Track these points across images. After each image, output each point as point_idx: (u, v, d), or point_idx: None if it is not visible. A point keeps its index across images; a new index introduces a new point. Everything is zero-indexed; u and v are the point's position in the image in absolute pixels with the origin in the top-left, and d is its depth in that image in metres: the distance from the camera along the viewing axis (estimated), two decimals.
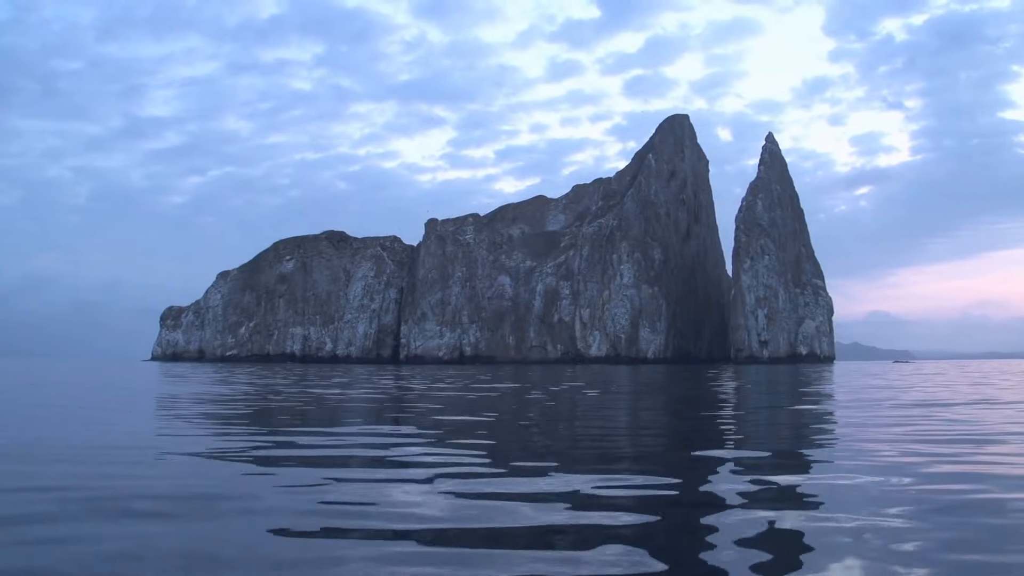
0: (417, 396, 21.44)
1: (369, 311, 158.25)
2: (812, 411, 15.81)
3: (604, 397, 21.31)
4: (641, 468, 7.50)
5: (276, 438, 10.06)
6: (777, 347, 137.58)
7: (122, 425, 12.41)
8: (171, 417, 13.81)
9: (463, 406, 16.91)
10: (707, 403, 19.19)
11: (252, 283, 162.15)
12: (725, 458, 8.35)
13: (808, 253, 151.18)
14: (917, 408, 15.70)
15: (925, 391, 23.25)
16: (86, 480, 6.42)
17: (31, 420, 13.39)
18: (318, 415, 14.65)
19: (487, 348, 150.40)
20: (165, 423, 12.73)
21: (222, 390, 24.31)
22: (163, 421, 13.26)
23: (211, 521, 5.00)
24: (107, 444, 9.42)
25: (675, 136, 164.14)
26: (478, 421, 13.12)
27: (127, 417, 14.28)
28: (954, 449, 8.73)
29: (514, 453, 8.80)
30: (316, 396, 20.81)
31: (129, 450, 8.74)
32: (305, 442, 9.45)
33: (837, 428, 12.04)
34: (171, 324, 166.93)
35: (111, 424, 12.57)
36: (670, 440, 11.01)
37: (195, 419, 13.23)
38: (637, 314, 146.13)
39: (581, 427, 12.87)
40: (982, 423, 12.22)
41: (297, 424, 12.56)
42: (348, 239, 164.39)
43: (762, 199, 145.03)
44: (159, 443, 9.55)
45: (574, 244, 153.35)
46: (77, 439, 9.96)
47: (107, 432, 11.16)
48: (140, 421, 13.51)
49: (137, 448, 8.89)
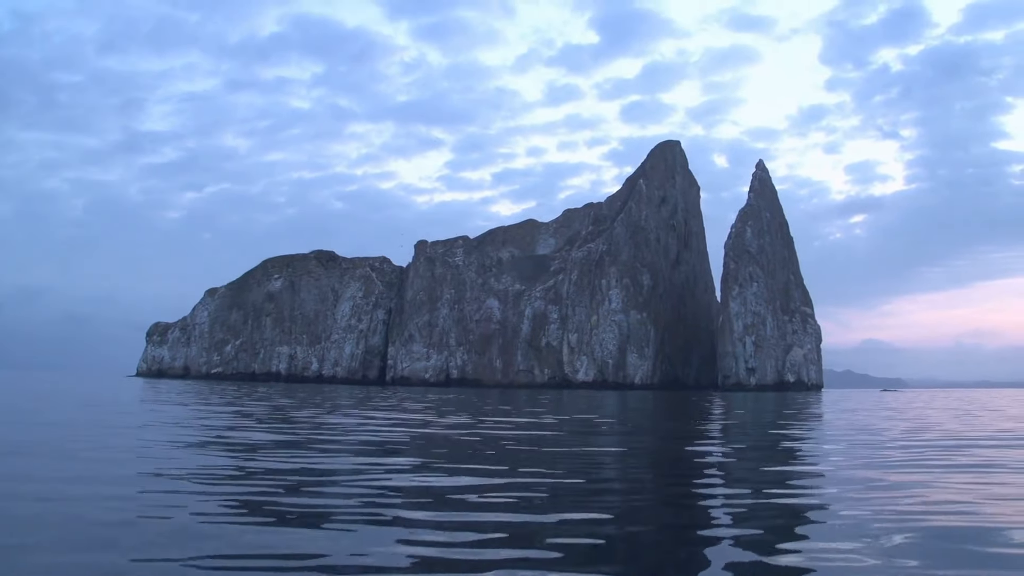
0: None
1: (356, 332, 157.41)
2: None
3: (554, 438, 16.81)
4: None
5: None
6: (764, 374, 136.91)
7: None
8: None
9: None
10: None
11: (239, 301, 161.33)
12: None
13: (797, 280, 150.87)
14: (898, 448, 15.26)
15: (907, 421, 22.79)
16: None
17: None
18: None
19: (474, 371, 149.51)
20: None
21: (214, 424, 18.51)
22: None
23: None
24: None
25: (666, 162, 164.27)
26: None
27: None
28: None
29: None
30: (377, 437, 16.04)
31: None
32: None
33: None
34: (157, 340, 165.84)
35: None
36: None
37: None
38: (625, 339, 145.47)
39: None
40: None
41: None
42: (337, 259, 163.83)
43: (751, 226, 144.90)
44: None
45: (563, 268, 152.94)
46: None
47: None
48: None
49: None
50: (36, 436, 14.51)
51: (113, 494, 7.66)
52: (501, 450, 13.74)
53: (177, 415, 21.78)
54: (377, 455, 12.24)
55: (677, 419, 25.66)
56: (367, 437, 15.82)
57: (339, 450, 12.92)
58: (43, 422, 18.51)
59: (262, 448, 13.10)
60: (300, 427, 18.10)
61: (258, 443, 14.08)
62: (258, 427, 17.95)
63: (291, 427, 18.14)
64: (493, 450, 13.67)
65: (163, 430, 16.48)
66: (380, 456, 12.10)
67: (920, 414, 27.78)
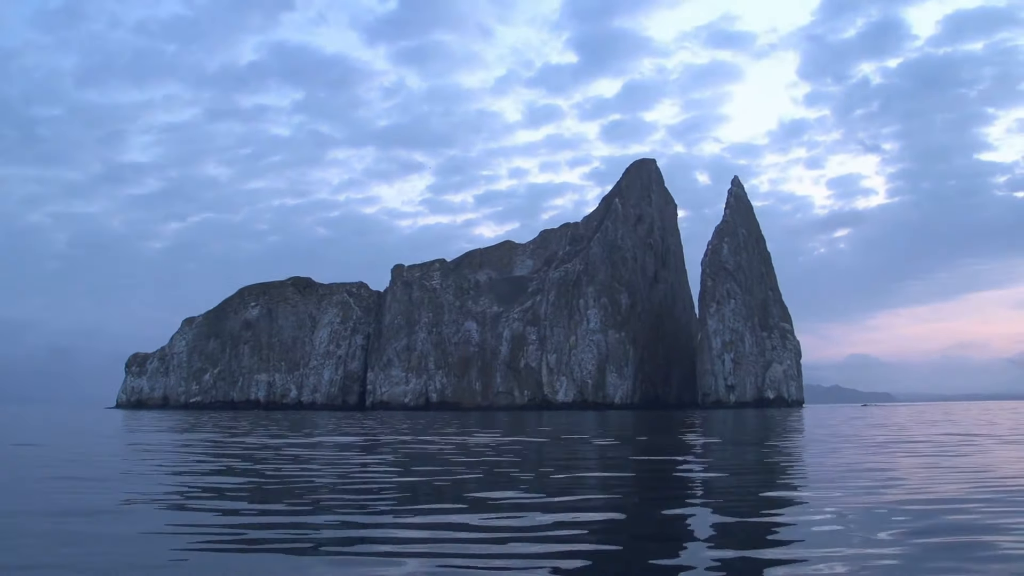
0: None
1: (335, 357, 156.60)
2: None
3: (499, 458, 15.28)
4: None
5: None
6: (744, 392, 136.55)
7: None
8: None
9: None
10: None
11: (217, 329, 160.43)
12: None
13: (775, 296, 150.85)
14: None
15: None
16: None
17: None
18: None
19: (453, 394, 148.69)
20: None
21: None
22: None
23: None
24: None
25: (642, 180, 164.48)
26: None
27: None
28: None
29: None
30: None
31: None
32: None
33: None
34: (136, 371, 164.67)
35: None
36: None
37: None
38: (604, 359, 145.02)
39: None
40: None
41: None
42: (314, 285, 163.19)
43: (728, 243, 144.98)
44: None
45: (541, 289, 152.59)
46: None
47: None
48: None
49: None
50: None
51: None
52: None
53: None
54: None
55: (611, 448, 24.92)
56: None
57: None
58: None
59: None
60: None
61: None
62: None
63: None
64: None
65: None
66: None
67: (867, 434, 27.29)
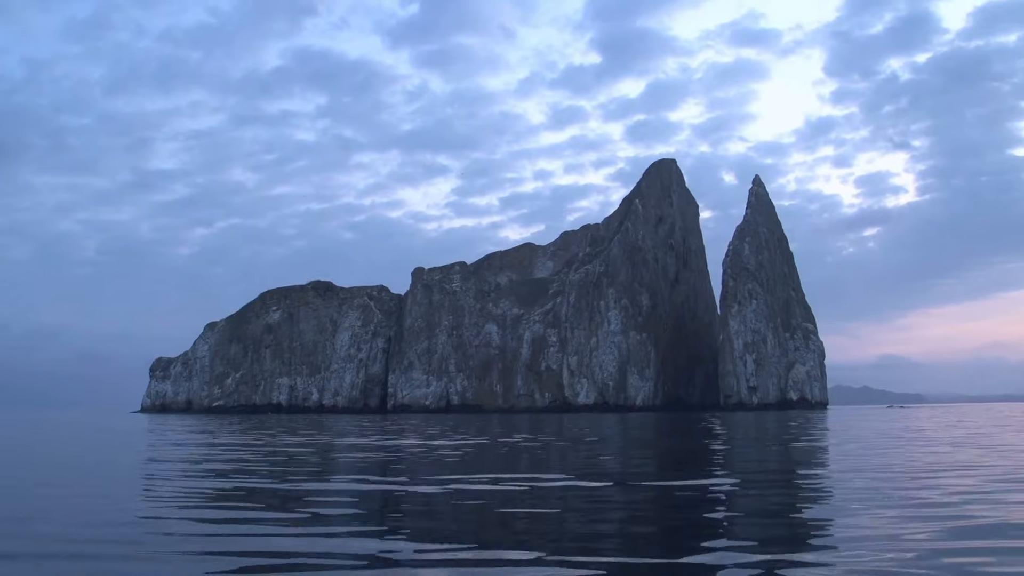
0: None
1: (356, 361, 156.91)
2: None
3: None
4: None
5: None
6: (766, 393, 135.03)
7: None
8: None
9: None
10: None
11: (239, 334, 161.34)
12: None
13: (798, 297, 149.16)
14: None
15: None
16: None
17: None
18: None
19: (474, 397, 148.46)
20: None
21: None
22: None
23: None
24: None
25: (662, 181, 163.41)
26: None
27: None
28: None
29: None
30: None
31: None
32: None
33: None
34: (160, 375, 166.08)
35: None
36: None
37: None
38: (625, 361, 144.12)
39: None
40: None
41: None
42: (335, 289, 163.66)
43: (749, 242, 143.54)
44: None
45: (561, 291, 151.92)
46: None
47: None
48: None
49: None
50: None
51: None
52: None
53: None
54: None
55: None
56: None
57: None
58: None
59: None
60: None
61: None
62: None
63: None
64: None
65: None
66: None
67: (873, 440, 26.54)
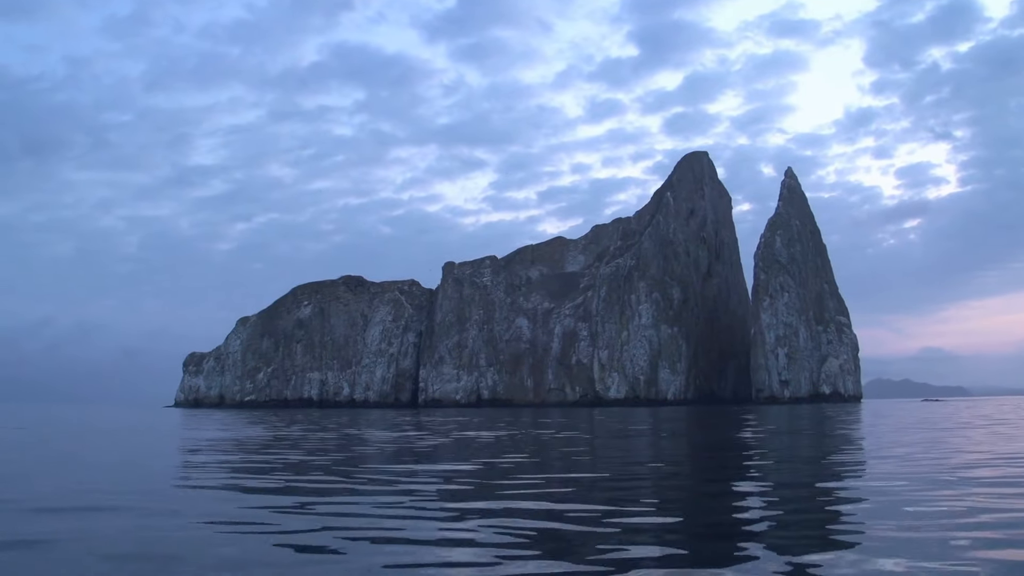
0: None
1: (387, 355, 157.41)
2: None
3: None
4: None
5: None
6: (799, 387, 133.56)
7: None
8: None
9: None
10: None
11: (270, 329, 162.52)
12: None
13: (831, 289, 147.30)
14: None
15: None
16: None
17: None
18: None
19: (505, 391, 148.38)
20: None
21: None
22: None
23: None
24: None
25: (694, 173, 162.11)
26: None
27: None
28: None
29: None
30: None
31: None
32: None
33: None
34: (193, 370, 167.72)
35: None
36: None
37: None
38: (656, 355, 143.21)
39: None
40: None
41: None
42: (366, 283, 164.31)
43: (780, 235, 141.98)
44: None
45: (592, 285, 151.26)
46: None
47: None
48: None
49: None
50: None
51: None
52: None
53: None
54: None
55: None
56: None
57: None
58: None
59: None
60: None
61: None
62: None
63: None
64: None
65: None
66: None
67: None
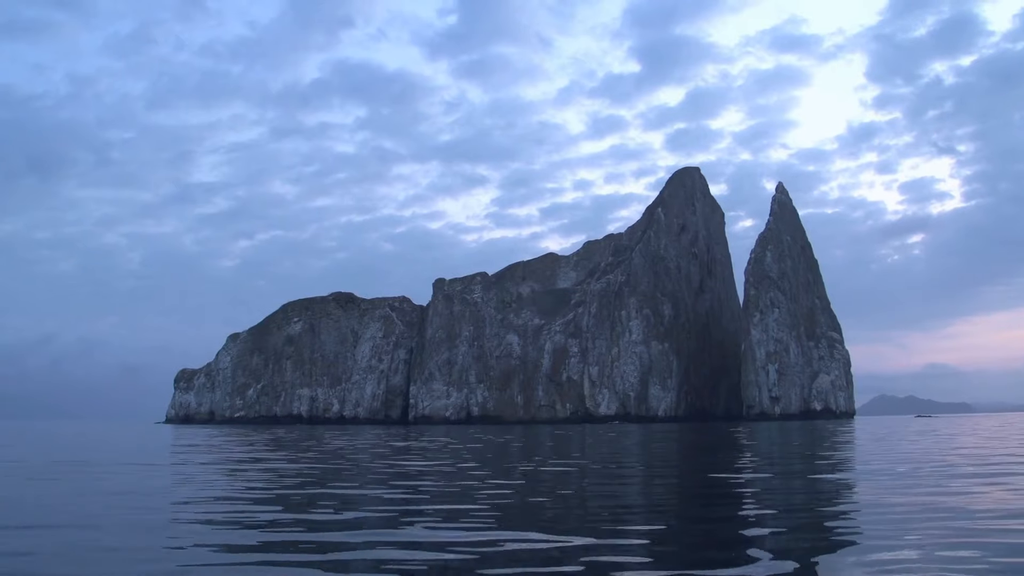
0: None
1: (377, 372, 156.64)
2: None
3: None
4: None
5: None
6: (789, 403, 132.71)
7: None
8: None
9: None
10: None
11: (260, 345, 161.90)
12: None
13: (823, 305, 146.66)
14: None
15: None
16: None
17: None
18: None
19: (495, 408, 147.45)
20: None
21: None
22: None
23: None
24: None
25: (685, 189, 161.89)
26: None
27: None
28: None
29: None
30: None
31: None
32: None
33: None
34: (184, 386, 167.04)
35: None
36: None
37: None
38: (647, 371, 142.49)
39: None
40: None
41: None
42: (356, 300, 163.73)
43: (771, 251, 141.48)
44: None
45: (583, 301, 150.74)
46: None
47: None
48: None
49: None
50: None
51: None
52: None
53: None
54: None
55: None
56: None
57: None
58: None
59: None
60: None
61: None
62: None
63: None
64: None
65: None
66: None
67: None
